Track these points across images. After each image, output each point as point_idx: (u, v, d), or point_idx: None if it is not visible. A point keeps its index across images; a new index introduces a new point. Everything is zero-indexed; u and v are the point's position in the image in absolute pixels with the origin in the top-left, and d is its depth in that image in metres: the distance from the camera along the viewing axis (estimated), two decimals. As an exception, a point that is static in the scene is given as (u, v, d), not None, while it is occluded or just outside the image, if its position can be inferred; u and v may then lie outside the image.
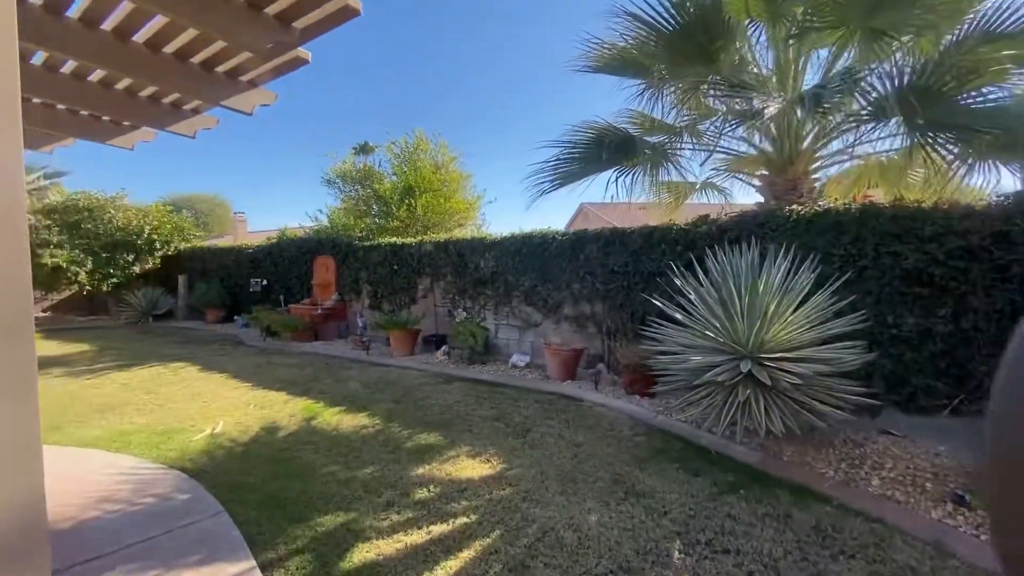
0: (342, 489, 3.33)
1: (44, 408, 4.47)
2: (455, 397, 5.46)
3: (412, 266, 8.81)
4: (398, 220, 11.17)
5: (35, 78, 2.90)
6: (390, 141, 11.99)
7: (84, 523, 2.89)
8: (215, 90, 2.88)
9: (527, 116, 63.61)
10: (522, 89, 67.71)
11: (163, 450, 4.10)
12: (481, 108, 67.15)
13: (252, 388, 6.10)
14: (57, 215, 13.19)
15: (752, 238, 4.54)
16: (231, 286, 12.86)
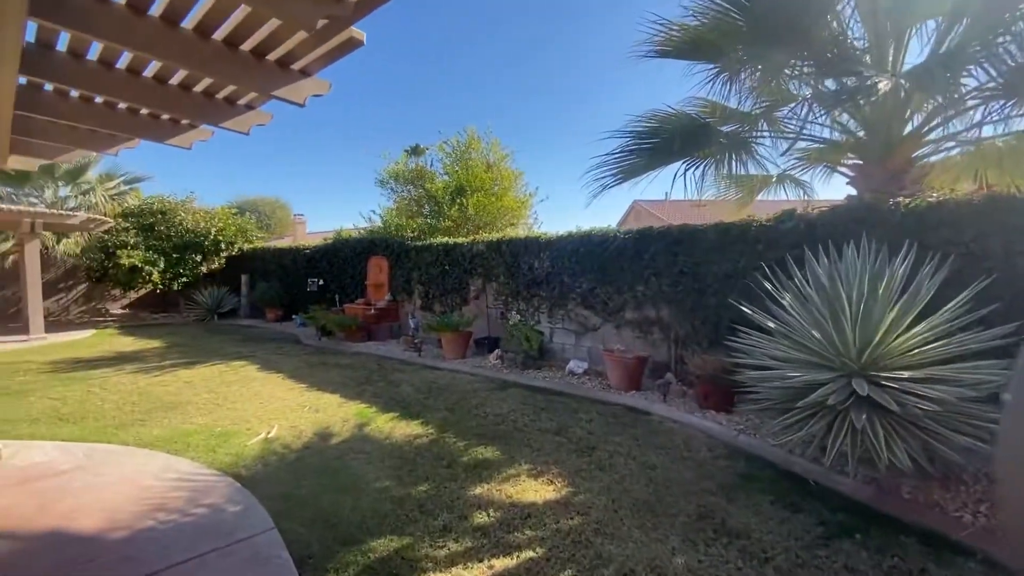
0: (396, 508, 3.09)
1: (114, 405, 4.53)
2: (511, 406, 5.15)
3: (464, 266, 8.61)
4: (449, 220, 11.03)
5: (92, 74, 2.83)
6: (441, 141, 11.89)
7: (137, 534, 2.79)
8: (267, 80, 2.70)
9: (583, 109, 62.45)
10: (577, 80, 66.70)
11: (219, 454, 4.03)
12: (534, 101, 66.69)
13: (307, 389, 6.05)
14: (134, 218, 14.02)
15: (850, 235, 3.95)
16: (289, 285, 13.20)
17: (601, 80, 65.72)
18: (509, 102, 65.84)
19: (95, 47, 2.69)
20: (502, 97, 65.51)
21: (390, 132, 66.49)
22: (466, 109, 62.66)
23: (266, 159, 63.35)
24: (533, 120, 62.92)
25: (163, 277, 13.65)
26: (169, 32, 2.36)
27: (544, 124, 63.07)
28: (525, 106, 64.99)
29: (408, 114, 68.01)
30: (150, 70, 2.95)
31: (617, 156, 5.69)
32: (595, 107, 58.52)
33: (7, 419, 4.97)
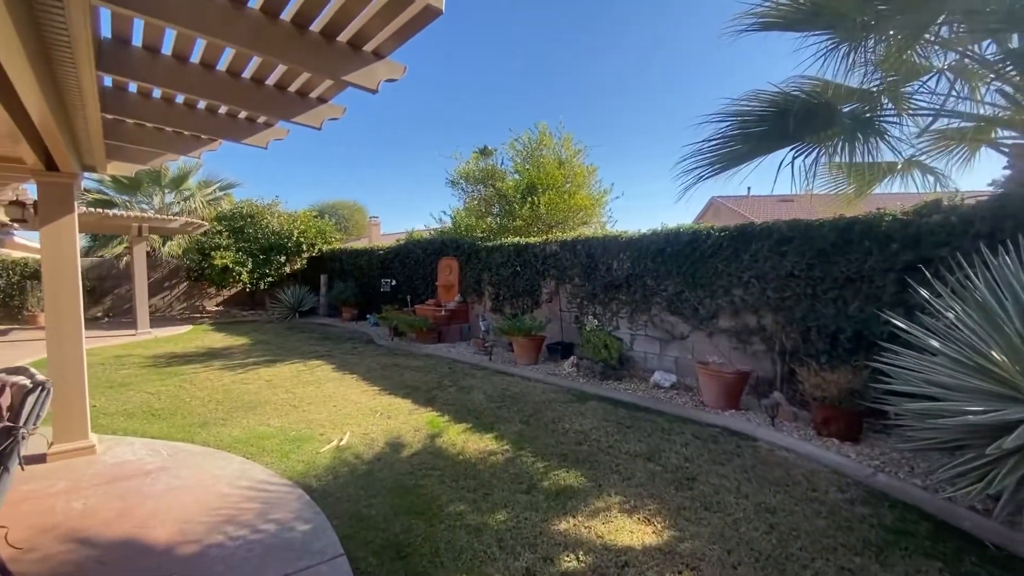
0: (472, 540, 2.75)
1: (201, 402, 4.54)
2: (592, 422, 4.69)
3: (536, 267, 8.23)
4: (520, 219, 10.71)
5: (167, 70, 2.74)
6: (512, 138, 11.59)
7: (207, 549, 2.65)
8: (338, 63, 2.46)
9: (661, 102, 60.12)
10: (654, 75, 64.41)
11: (292, 460, 3.92)
12: (609, 96, 65.21)
13: (379, 393, 5.94)
14: (226, 221, 14.99)
15: None
16: (364, 285, 13.51)
17: (682, 70, 62.95)
18: (583, 97, 64.81)
19: (168, 40, 2.58)
20: (576, 91, 64.65)
21: (461, 130, 67.88)
22: (539, 105, 62.48)
23: (344, 164, 66.76)
24: (608, 116, 61.57)
25: (251, 277, 14.47)
26: (237, 13, 2.16)
27: (620, 119, 61.51)
28: (600, 101, 63.77)
29: (479, 111, 69.06)
30: (223, 63, 2.82)
31: (714, 143, 5.04)
32: (676, 98, 56.12)
33: (107, 412, 5.23)
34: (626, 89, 65.22)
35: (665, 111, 59.15)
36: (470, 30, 62.27)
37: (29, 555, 2.55)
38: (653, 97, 63.37)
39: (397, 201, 68.10)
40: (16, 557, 2.49)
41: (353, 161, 69.34)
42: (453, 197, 12.83)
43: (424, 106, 75.15)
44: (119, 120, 3.73)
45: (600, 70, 63.73)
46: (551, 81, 65.98)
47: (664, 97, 61.58)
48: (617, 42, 60.22)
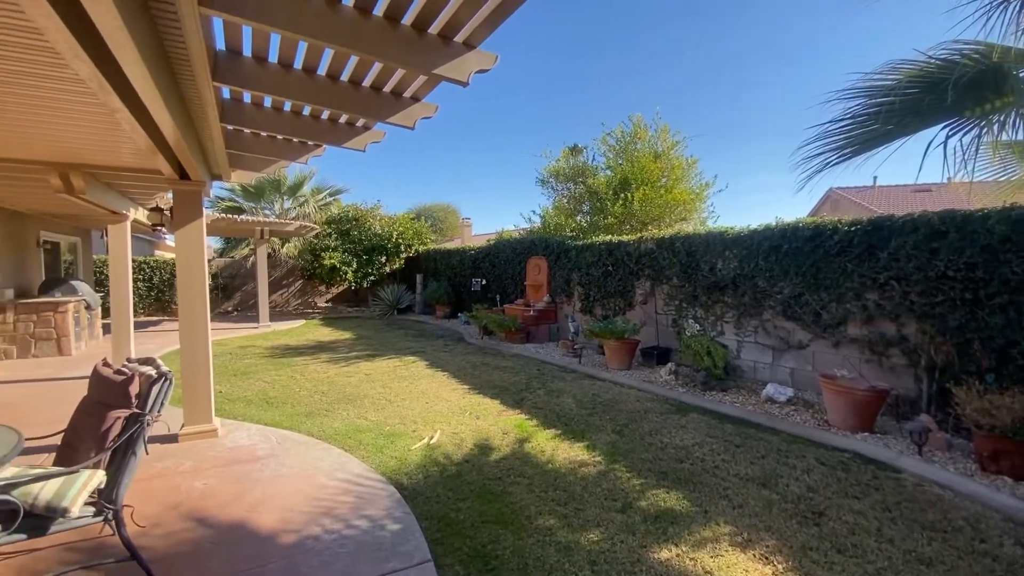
0: (563, 560, 2.56)
1: (308, 392, 4.81)
2: (694, 437, 4.27)
3: (629, 267, 7.82)
4: (612, 217, 10.30)
5: (274, 77, 2.86)
6: (604, 132, 11.19)
7: (304, 540, 2.73)
8: (429, 56, 2.41)
9: (772, 87, 55.64)
10: (764, 59, 59.77)
11: (385, 456, 4.00)
12: (713, 84, 61.59)
13: (469, 392, 5.95)
14: (334, 224, 16.19)
15: None
16: (456, 285, 13.87)
17: (805, 47, 57.52)
18: (684, 87, 61.67)
19: (274, 48, 2.69)
20: (676, 81, 61.64)
21: (553, 127, 67.84)
22: (634, 97, 60.56)
23: (438, 167, 69.68)
24: (710, 104, 58.03)
25: (355, 276, 15.50)
26: (332, 12, 2.16)
27: (723, 107, 57.71)
28: (701, 90, 60.28)
29: (570, 107, 68.54)
30: (323, 66, 2.90)
31: (844, 124, 4.36)
32: (796, 79, 51.42)
33: (230, 398, 5.77)
34: (735, 74, 60.93)
35: (781, 94, 54.28)
36: (561, 24, 61.85)
37: (155, 530, 2.79)
38: (767, 80, 58.49)
39: (488, 202, 69.76)
40: (143, 532, 2.74)
41: (447, 164, 72.22)
42: (543, 196, 12.76)
43: (516, 105, 76.22)
44: (238, 130, 4.04)
45: (707, 55, 60.17)
46: (649, 72, 63.51)
47: (781, 79, 56.55)
48: (737, 19, 56.23)
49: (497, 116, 77.31)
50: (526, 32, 64.72)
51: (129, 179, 5.28)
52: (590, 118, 60.72)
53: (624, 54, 65.89)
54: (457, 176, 71.80)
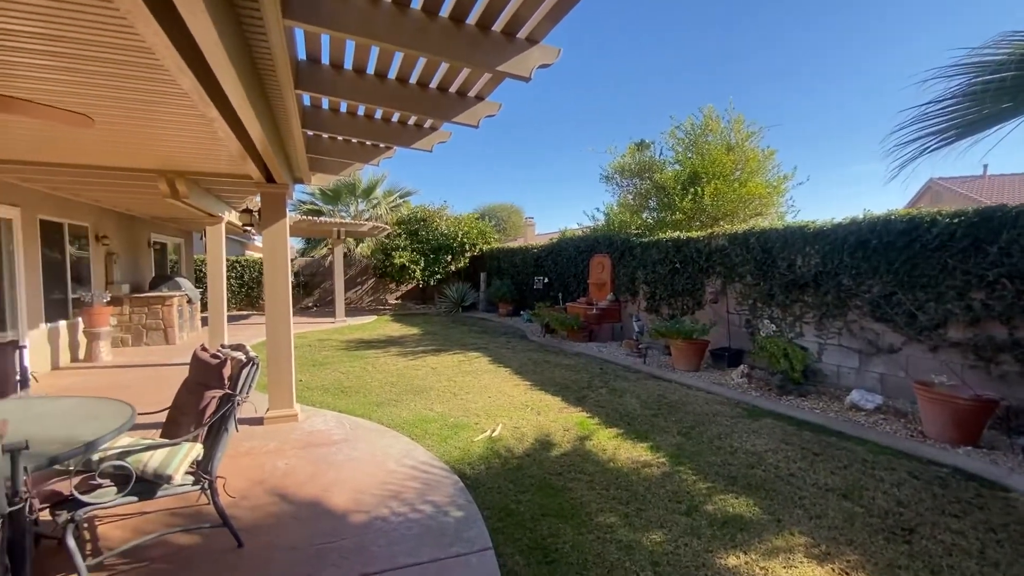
0: (623, 558, 2.52)
1: (379, 383, 5.05)
2: (767, 443, 4.04)
3: (698, 264, 7.51)
4: (681, 213, 9.93)
5: (349, 83, 3.04)
6: (673, 125, 10.80)
7: (373, 521, 2.88)
8: (493, 53, 2.46)
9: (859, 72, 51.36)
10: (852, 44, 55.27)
11: (449, 446, 4.12)
12: (791, 73, 57.84)
13: (530, 388, 5.99)
14: (404, 225, 16.87)
15: None
16: (519, 283, 13.98)
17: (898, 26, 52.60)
18: (760, 77, 58.33)
19: (348, 55, 2.86)
20: (751, 70, 58.35)
21: (617, 124, 66.53)
22: (705, 88, 57.99)
23: (503, 166, 70.43)
24: (785, 93, 54.38)
25: (423, 274, 16.09)
26: (401, 16, 2.27)
27: (800, 96, 53.88)
28: (778, 81, 56.65)
29: (636, 102, 66.84)
30: (393, 70, 3.04)
31: (945, 105, 3.93)
32: (887, 63, 47.15)
33: (309, 386, 6.19)
34: (817, 60, 56.69)
35: (871, 80, 49.79)
36: (629, 16, 60.25)
37: (243, 502, 3.06)
38: (856, 63, 53.88)
39: (552, 201, 69.55)
40: (233, 503, 3.00)
41: (511, 163, 72.83)
42: (607, 193, 12.52)
43: (580, 103, 75.46)
44: (317, 135, 4.32)
45: (791, 45, 56.51)
46: (721, 63, 60.54)
47: (870, 64, 51.91)
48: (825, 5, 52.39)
49: (560, 112, 76.93)
50: (594, 24, 63.90)
51: (224, 183, 5.80)
52: (657, 112, 58.83)
53: (693, 45, 63.17)
54: (521, 175, 72.18)
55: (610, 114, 71.10)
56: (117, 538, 2.67)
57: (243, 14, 2.15)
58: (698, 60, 64.06)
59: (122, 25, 2.13)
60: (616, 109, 71.50)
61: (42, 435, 1.96)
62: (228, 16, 1.99)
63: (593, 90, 72.99)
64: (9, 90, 2.84)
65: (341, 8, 2.16)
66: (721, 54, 61.74)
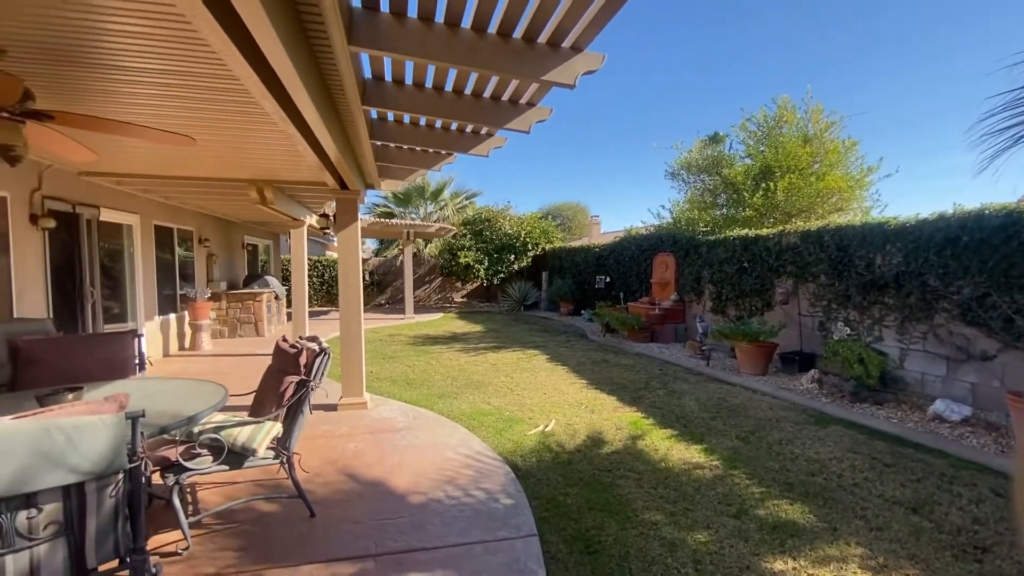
0: (665, 554, 2.55)
1: (441, 377, 5.37)
2: (832, 450, 3.85)
3: (768, 263, 7.17)
4: (751, 209, 9.48)
5: (410, 97, 3.29)
6: (744, 118, 10.31)
7: (430, 503, 3.11)
8: (537, 65, 2.58)
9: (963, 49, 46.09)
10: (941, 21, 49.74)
11: (503, 438, 4.29)
12: (880, 53, 52.94)
13: (586, 387, 6.05)
14: (469, 225, 17.37)
15: None
16: (580, 282, 13.96)
17: None
18: (839, 60, 53.73)
19: (409, 72, 3.10)
20: (831, 54, 53.87)
21: (685, 117, 64.06)
22: (779, 76, 54.31)
23: (568, 165, 69.96)
24: (872, 76, 49.68)
25: (486, 273, 16.50)
26: (453, 37, 2.45)
27: (890, 80, 49.01)
28: (863, 62, 51.90)
29: (704, 95, 63.92)
30: (449, 84, 3.24)
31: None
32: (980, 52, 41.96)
33: (379, 377, 6.63)
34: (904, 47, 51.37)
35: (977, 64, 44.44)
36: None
37: (316, 479, 3.40)
38: (952, 42, 48.27)
39: (618, 199, 68.14)
40: (308, 479, 3.36)
41: (576, 162, 72.18)
42: (672, 190, 12.14)
43: (645, 98, 73.40)
44: (384, 145, 4.65)
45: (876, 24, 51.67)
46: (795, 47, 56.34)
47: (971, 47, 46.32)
48: None
49: (630, 109, 75.24)
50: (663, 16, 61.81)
51: (304, 190, 6.36)
52: (724, 104, 55.84)
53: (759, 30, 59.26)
54: (585, 173, 71.26)
55: (681, 107, 68.52)
56: (212, 502, 3.10)
57: (315, 43, 2.43)
58: (767, 44, 59.91)
59: (217, 61, 2.48)
60: (682, 101, 68.76)
61: (154, 409, 2.35)
62: (303, 47, 2.27)
63: (659, 81, 70.67)
64: (128, 117, 3.36)
65: (398, 33, 2.38)
66: (791, 39, 57.34)
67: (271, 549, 2.59)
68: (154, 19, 2.11)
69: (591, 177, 68.89)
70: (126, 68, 2.63)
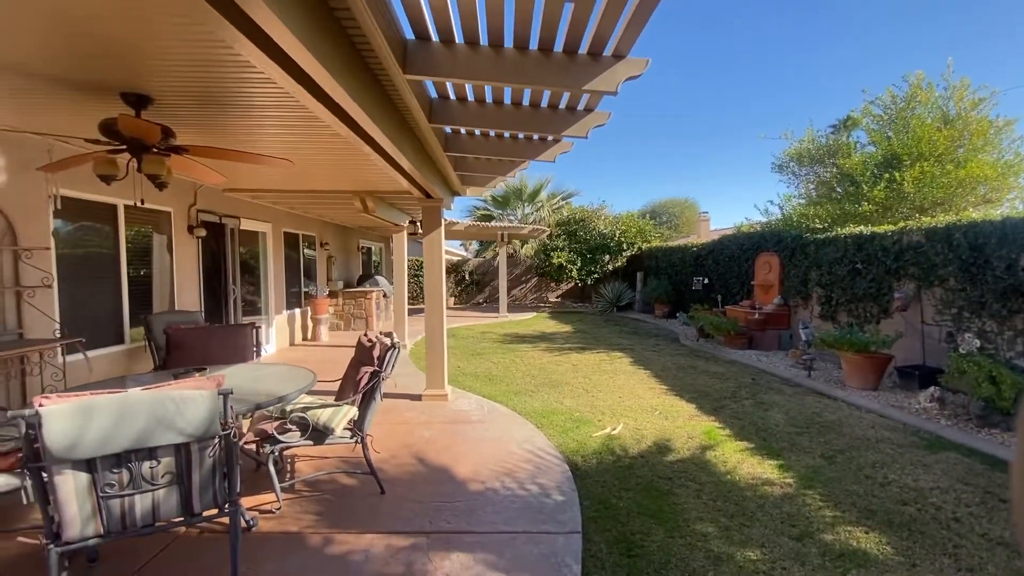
0: (707, 567, 2.49)
1: (521, 375, 5.64)
2: (937, 479, 3.38)
3: (885, 264, 6.35)
4: (869, 203, 8.39)
5: (474, 112, 3.53)
6: (866, 101, 9.14)
7: (486, 491, 3.33)
8: (579, 75, 2.66)
9: None
10: None
11: (568, 438, 4.39)
12: None
13: (665, 392, 5.88)
14: (563, 226, 17.47)
15: None
16: (676, 283, 13.38)
17: None
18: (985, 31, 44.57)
19: (469, 91, 3.34)
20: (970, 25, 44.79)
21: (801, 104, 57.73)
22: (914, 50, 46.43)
23: (673, 159, 66.58)
24: None
25: (579, 273, 16.48)
26: (498, 57, 2.63)
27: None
28: None
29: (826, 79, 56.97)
30: (507, 98, 3.43)
31: None
32: None
33: (464, 372, 7.05)
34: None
35: None
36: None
37: (391, 460, 3.80)
38: None
39: (727, 196, 63.41)
40: (383, 460, 3.76)
41: (683, 155, 68.44)
42: (781, 183, 11.12)
43: (757, 88, 67.37)
44: (461, 157, 4.98)
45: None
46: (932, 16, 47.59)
47: None
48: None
49: (744, 102, 69.70)
50: None
51: (399, 199, 6.98)
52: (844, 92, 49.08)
53: None
54: (694, 168, 67.22)
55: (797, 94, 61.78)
56: (305, 471, 3.62)
57: (379, 76, 2.76)
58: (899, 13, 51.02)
59: (306, 109, 2.95)
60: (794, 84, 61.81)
61: (255, 389, 2.85)
62: (369, 83, 2.61)
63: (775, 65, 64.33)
64: (258, 148, 4.04)
65: (448, 58, 2.62)
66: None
67: (344, 516, 2.98)
68: (272, 94, 2.58)
69: (700, 171, 64.99)
70: (251, 113, 3.22)
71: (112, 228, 4.99)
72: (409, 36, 2.54)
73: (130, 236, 5.20)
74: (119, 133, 2.81)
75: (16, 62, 2.39)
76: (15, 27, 2.04)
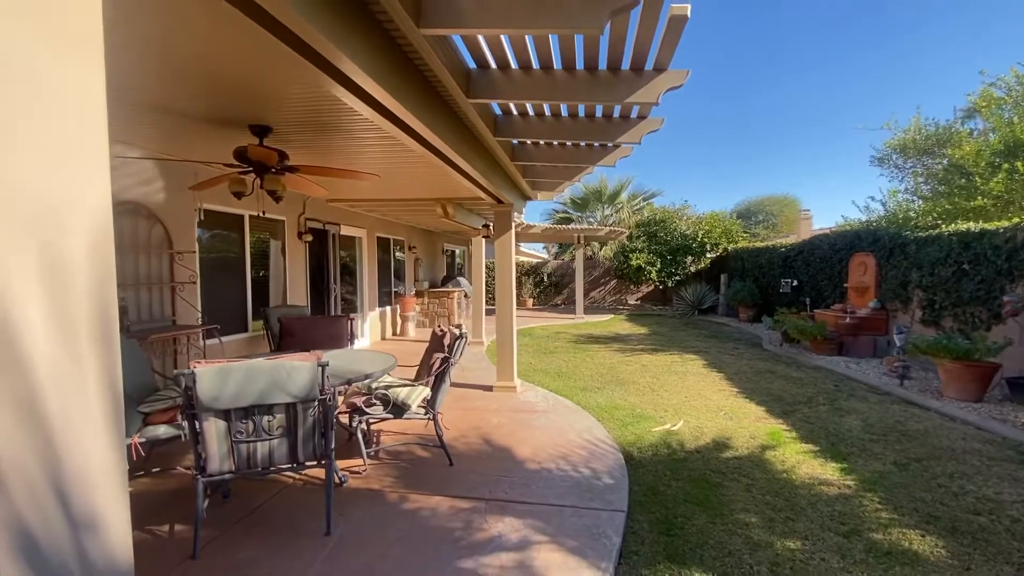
0: (744, 551, 2.62)
1: (589, 372, 5.95)
2: (1021, 493, 3.14)
3: (996, 264, 5.74)
4: (985, 198, 7.51)
5: (533, 125, 3.89)
6: (985, 84, 8.17)
7: (541, 470, 3.65)
8: (620, 89, 2.89)
9: None
10: None
11: (627, 431, 4.57)
12: None
13: (735, 395, 5.80)
14: (643, 227, 17.23)
15: None
16: (763, 285, 12.73)
17: None
18: None
19: (530, 106, 3.69)
20: None
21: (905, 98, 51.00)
22: None
23: (771, 155, 61.99)
24: None
25: (659, 275, 16.16)
26: (547, 78, 2.96)
27: None
28: None
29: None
30: (564, 111, 3.73)
31: None
32: None
33: (535, 368, 7.41)
34: None
35: None
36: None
37: (461, 439, 4.24)
38: None
39: (833, 190, 57.68)
40: (454, 438, 4.21)
41: (785, 151, 63.46)
42: (882, 177, 10.20)
43: (885, 66, 60.53)
44: (529, 165, 5.35)
45: None
46: None
47: None
48: None
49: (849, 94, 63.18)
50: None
51: (475, 204, 7.52)
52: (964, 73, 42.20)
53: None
54: (791, 165, 62.03)
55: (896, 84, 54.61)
56: (387, 442, 4.17)
57: (448, 101, 3.20)
58: None
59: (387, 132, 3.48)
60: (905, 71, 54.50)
61: (347, 367, 3.41)
62: (439, 108, 3.06)
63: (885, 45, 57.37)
64: (357, 166, 4.71)
65: (505, 82, 2.98)
66: None
67: (418, 481, 3.46)
68: (360, 122, 3.15)
69: (798, 167, 59.90)
70: (346, 137, 3.85)
71: (239, 235, 5.99)
72: (471, 65, 2.95)
73: (253, 241, 6.20)
74: (248, 158, 3.52)
75: (174, 106, 3.15)
76: (175, 81, 2.74)
